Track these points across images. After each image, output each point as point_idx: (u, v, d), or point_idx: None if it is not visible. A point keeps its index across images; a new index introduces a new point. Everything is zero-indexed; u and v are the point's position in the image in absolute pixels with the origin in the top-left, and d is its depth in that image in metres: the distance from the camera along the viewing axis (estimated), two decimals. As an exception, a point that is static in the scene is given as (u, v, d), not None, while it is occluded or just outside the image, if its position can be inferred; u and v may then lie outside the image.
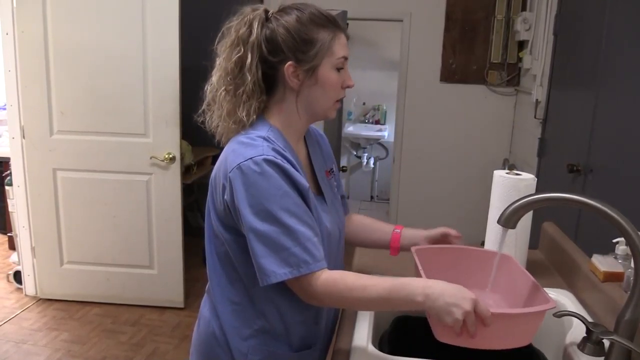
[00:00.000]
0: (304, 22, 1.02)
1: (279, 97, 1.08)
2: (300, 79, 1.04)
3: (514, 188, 1.38)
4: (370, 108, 6.11)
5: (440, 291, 0.90)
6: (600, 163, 2.26)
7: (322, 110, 1.08)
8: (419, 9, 3.96)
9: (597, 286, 1.20)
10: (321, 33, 1.03)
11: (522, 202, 1.00)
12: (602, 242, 1.37)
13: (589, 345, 0.99)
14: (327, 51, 1.03)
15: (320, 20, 1.03)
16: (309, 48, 1.02)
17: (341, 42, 1.05)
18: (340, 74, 1.06)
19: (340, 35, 1.05)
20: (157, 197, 3.04)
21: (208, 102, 1.09)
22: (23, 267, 3.20)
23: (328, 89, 1.05)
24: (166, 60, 2.85)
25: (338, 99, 1.08)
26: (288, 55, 1.02)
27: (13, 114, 3.00)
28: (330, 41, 1.03)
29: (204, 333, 1.15)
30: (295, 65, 1.02)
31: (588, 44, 2.53)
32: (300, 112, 1.08)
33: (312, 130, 1.25)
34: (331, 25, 1.04)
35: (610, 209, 0.91)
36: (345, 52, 1.06)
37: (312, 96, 1.06)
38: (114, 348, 2.75)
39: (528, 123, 3.50)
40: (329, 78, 1.04)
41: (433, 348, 1.17)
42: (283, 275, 0.96)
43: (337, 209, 1.20)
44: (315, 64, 1.03)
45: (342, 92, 1.08)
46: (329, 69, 1.04)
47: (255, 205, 0.96)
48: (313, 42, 1.02)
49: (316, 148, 1.22)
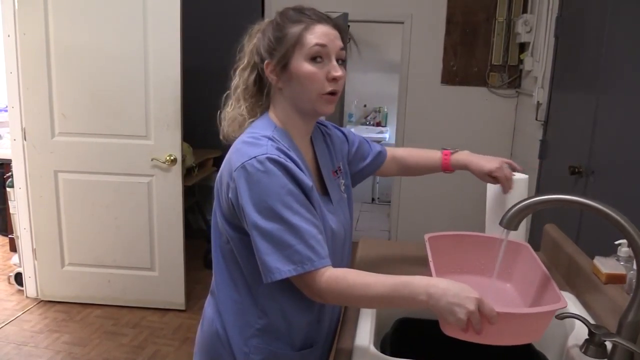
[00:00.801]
0: (278, 22, 1.06)
1: (274, 99, 1.11)
2: (277, 75, 1.06)
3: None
4: (371, 110, 6.12)
5: (443, 291, 0.90)
6: (601, 165, 2.26)
7: (307, 104, 1.07)
8: (420, 11, 3.96)
9: (600, 288, 1.20)
10: (292, 28, 1.04)
11: (524, 204, 1.00)
12: (603, 244, 1.37)
13: (591, 347, 0.99)
14: (297, 43, 1.03)
15: (294, 17, 1.05)
16: (279, 44, 1.05)
17: (315, 32, 1.03)
18: (319, 65, 1.03)
19: (315, 25, 1.04)
20: (158, 199, 3.04)
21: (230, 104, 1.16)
22: (24, 269, 3.20)
23: (304, 81, 1.04)
24: (167, 62, 2.85)
25: (324, 92, 1.04)
26: (265, 56, 1.07)
27: (14, 115, 3.00)
28: (301, 32, 1.03)
29: (207, 332, 1.15)
30: (269, 62, 1.06)
31: (589, 46, 2.53)
32: (289, 110, 1.09)
33: (323, 129, 1.25)
34: (307, 18, 1.05)
35: (612, 211, 0.91)
36: (320, 40, 1.02)
37: (292, 92, 1.07)
38: (115, 350, 2.75)
39: (529, 125, 3.50)
40: (303, 69, 1.03)
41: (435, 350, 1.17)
42: (287, 272, 0.96)
43: (344, 209, 1.20)
44: (287, 57, 1.04)
45: (326, 85, 1.04)
46: (301, 60, 1.03)
47: (259, 203, 0.97)
48: (283, 38, 1.04)
49: (323, 147, 1.22)
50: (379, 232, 4.91)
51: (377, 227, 5.07)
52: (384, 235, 4.75)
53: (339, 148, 1.28)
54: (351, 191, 1.28)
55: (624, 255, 1.24)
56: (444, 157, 1.42)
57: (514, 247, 1.21)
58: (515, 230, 1.02)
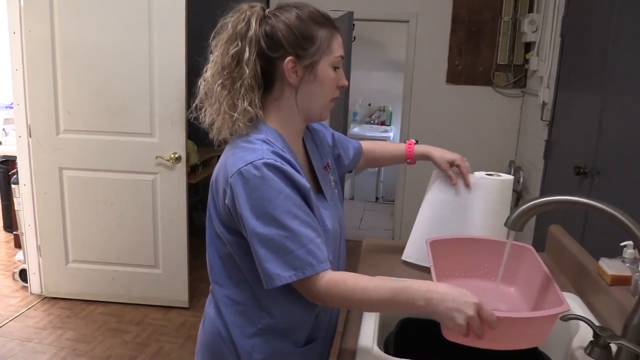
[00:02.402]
0: (304, 20, 1.04)
1: (277, 94, 1.07)
2: (299, 75, 1.05)
3: (494, 189, 1.39)
4: (376, 109, 6.11)
5: (442, 296, 0.90)
6: (607, 165, 2.25)
7: (318, 108, 1.09)
8: (425, 9, 3.95)
9: (605, 290, 1.19)
10: (321, 31, 1.04)
11: (530, 205, 0.99)
12: (608, 245, 1.37)
13: (596, 349, 0.98)
14: (326, 49, 1.05)
15: (320, 18, 1.05)
16: (309, 45, 1.03)
17: (338, 42, 1.07)
18: (336, 73, 1.08)
19: (337, 35, 1.07)
20: (162, 197, 3.04)
21: (201, 98, 1.09)
22: (29, 265, 3.22)
23: (326, 86, 1.07)
24: (172, 60, 2.86)
25: (333, 97, 1.10)
26: (288, 51, 1.03)
27: (20, 112, 3.01)
28: (329, 39, 1.05)
29: (209, 332, 1.15)
30: (295, 61, 1.03)
31: (595, 46, 2.52)
32: (295, 109, 1.09)
33: (308, 126, 1.24)
34: (329, 24, 1.06)
35: (619, 212, 0.91)
36: (341, 51, 1.08)
37: (310, 93, 1.07)
38: (118, 347, 2.75)
39: (534, 125, 3.49)
40: (327, 76, 1.06)
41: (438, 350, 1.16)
42: (288, 278, 0.96)
43: (337, 204, 1.20)
44: (315, 61, 1.04)
45: (336, 92, 1.10)
46: (327, 66, 1.06)
47: (258, 209, 0.96)
48: (313, 39, 1.03)
49: (313, 145, 1.22)
50: (383, 231, 4.90)
51: (380, 226, 5.06)
52: (387, 235, 4.74)
53: (325, 144, 1.28)
54: (339, 186, 1.28)
55: (630, 256, 1.24)
56: (407, 147, 1.48)
57: (518, 250, 1.21)
58: (521, 231, 1.02)
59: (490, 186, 1.41)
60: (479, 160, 4.01)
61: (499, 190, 1.41)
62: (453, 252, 1.21)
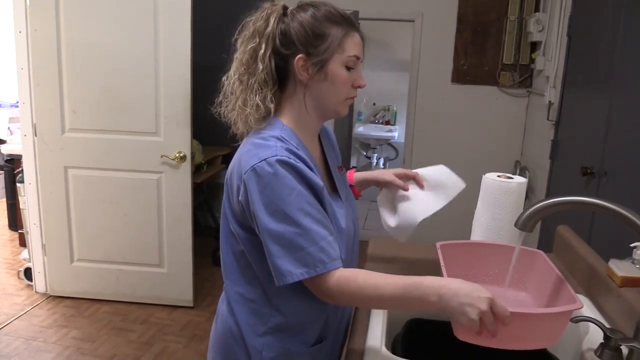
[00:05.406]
0: (318, 18, 1.04)
1: (290, 92, 1.08)
2: (310, 73, 1.04)
3: (502, 191, 1.37)
4: (381, 109, 6.10)
5: (454, 291, 0.89)
6: (614, 166, 2.23)
7: (331, 106, 1.09)
8: (430, 9, 3.94)
9: (615, 291, 1.18)
10: (334, 29, 1.04)
11: (540, 206, 0.99)
12: (616, 246, 1.35)
13: (607, 351, 0.97)
14: (337, 47, 1.04)
15: (335, 17, 1.05)
16: (320, 42, 1.03)
17: (354, 41, 1.06)
18: (350, 73, 1.06)
19: (354, 34, 1.06)
20: (167, 196, 3.04)
21: (225, 93, 1.10)
22: (34, 264, 3.22)
23: (337, 86, 1.06)
24: (178, 59, 2.86)
25: (348, 97, 1.08)
26: (299, 48, 1.03)
27: (25, 111, 3.01)
28: (342, 38, 1.04)
29: (221, 329, 1.15)
30: (305, 58, 1.03)
31: (602, 46, 2.50)
32: (309, 107, 1.08)
33: (323, 128, 1.25)
34: (345, 23, 1.05)
35: (630, 213, 0.90)
36: (357, 51, 1.06)
37: (320, 91, 1.06)
38: (123, 346, 2.76)
39: (540, 125, 3.47)
40: (338, 74, 1.05)
41: (446, 351, 1.16)
42: (300, 275, 0.96)
43: (352, 205, 1.20)
44: (325, 59, 1.03)
45: (352, 91, 1.08)
46: (339, 65, 1.04)
47: (270, 206, 0.96)
48: (324, 36, 1.03)
49: (329, 145, 1.23)
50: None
51: (385, 226, 5.04)
52: (392, 235, 4.72)
53: (336, 147, 1.29)
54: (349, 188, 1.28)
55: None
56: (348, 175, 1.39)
57: (529, 255, 1.19)
58: (531, 232, 1.01)
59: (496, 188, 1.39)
60: (485, 160, 4.02)
61: (502, 192, 1.39)
62: (462, 257, 1.20)
